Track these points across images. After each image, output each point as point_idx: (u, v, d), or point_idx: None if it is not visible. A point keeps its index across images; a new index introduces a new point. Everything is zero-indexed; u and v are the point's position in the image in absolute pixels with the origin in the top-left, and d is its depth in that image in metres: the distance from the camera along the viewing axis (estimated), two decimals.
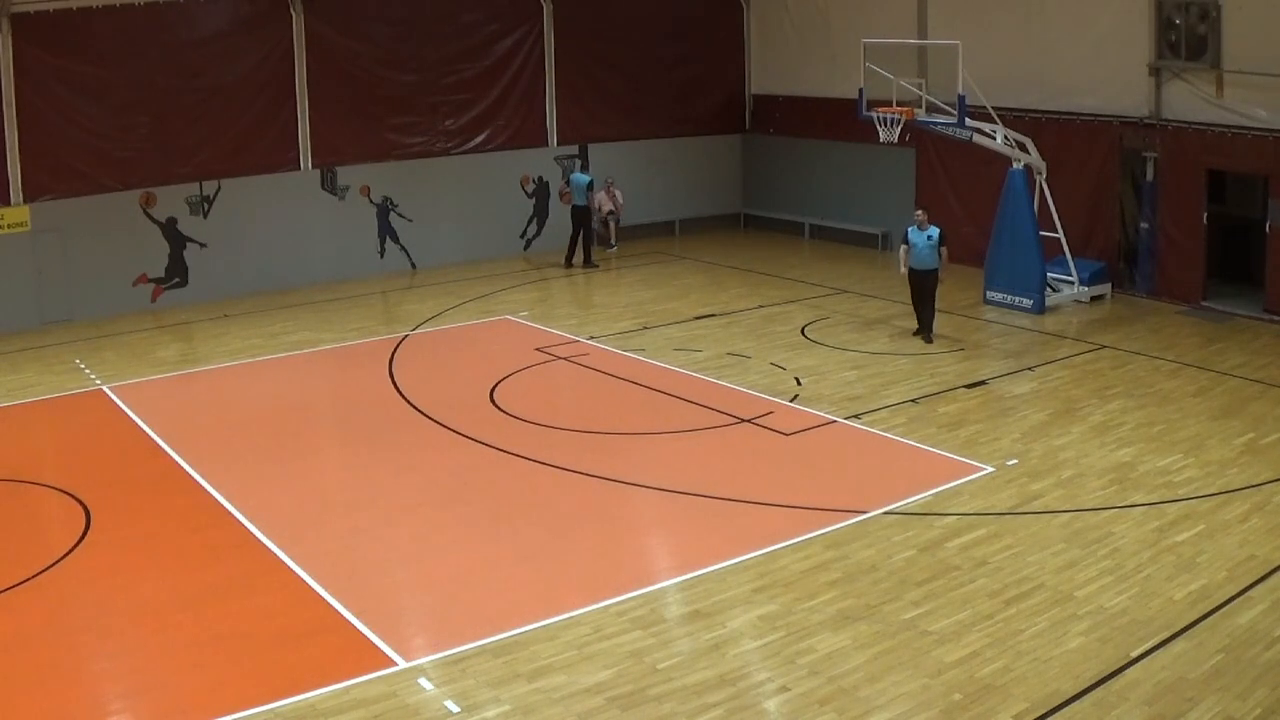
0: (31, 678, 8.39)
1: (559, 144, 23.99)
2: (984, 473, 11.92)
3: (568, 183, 22.80)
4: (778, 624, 8.97)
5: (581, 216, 22.37)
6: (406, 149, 22.14)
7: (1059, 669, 8.23)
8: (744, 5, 26.11)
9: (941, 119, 18.02)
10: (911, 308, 17.11)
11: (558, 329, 17.93)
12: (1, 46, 18.04)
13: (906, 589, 9.48)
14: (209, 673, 8.42)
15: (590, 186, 22.41)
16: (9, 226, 18.31)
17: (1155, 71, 18.74)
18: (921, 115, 18.14)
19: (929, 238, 16.44)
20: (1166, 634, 8.65)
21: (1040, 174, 18.71)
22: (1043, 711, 7.72)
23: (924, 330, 16.81)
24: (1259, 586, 9.37)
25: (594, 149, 24.38)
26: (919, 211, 16.90)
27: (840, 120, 22.48)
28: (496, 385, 15.08)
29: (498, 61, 22.98)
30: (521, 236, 23.83)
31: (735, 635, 8.83)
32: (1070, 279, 18.96)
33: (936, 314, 16.95)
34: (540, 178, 23.78)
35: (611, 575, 9.94)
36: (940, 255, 16.43)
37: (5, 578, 9.82)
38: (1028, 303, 18.35)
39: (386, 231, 22.21)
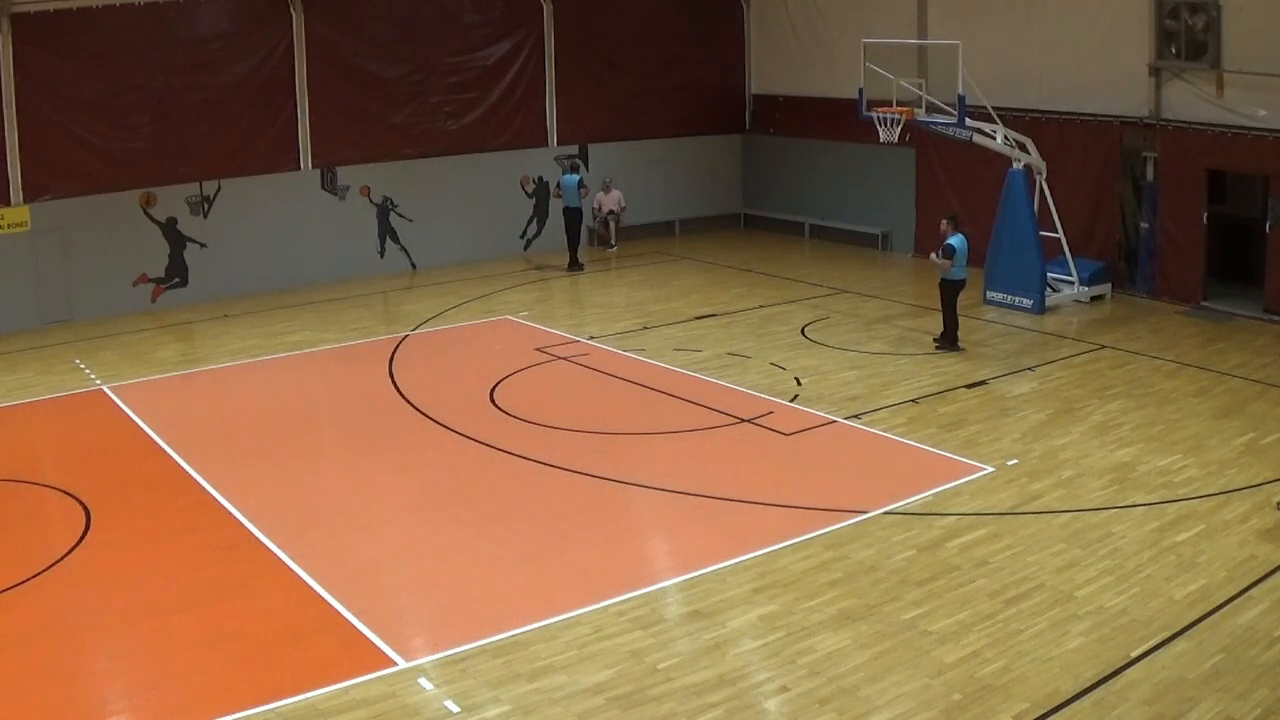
0: (31, 678, 8.39)
1: (559, 144, 24.00)
2: (984, 473, 11.92)
3: (559, 185, 22.82)
4: (778, 624, 8.97)
5: (571, 217, 22.37)
6: (407, 149, 22.14)
7: (1059, 669, 8.23)
8: (744, 5, 26.11)
9: (941, 119, 18.02)
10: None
11: (558, 329, 17.93)
12: (1, 46, 18.05)
13: (906, 589, 9.48)
14: (209, 673, 8.42)
15: (580, 186, 22.41)
16: (9, 226, 18.31)
17: (1155, 71, 18.74)
18: (921, 115, 18.15)
19: None
20: (1166, 634, 8.65)
21: (1040, 174, 18.71)
22: (1043, 711, 7.72)
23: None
24: (1259, 586, 9.37)
25: (594, 149, 24.39)
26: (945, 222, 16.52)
27: (840, 120, 22.49)
28: (496, 385, 15.08)
29: (498, 61, 22.99)
30: (521, 236, 23.84)
31: (735, 635, 8.83)
32: (1070, 279, 18.96)
33: (951, 321, 16.48)
34: (540, 178, 23.77)
35: (611, 575, 9.94)
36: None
37: (5, 578, 9.82)
38: (1028, 303, 18.35)
39: (386, 231, 22.22)
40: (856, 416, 13.69)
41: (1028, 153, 18.57)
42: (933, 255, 16.32)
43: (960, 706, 7.80)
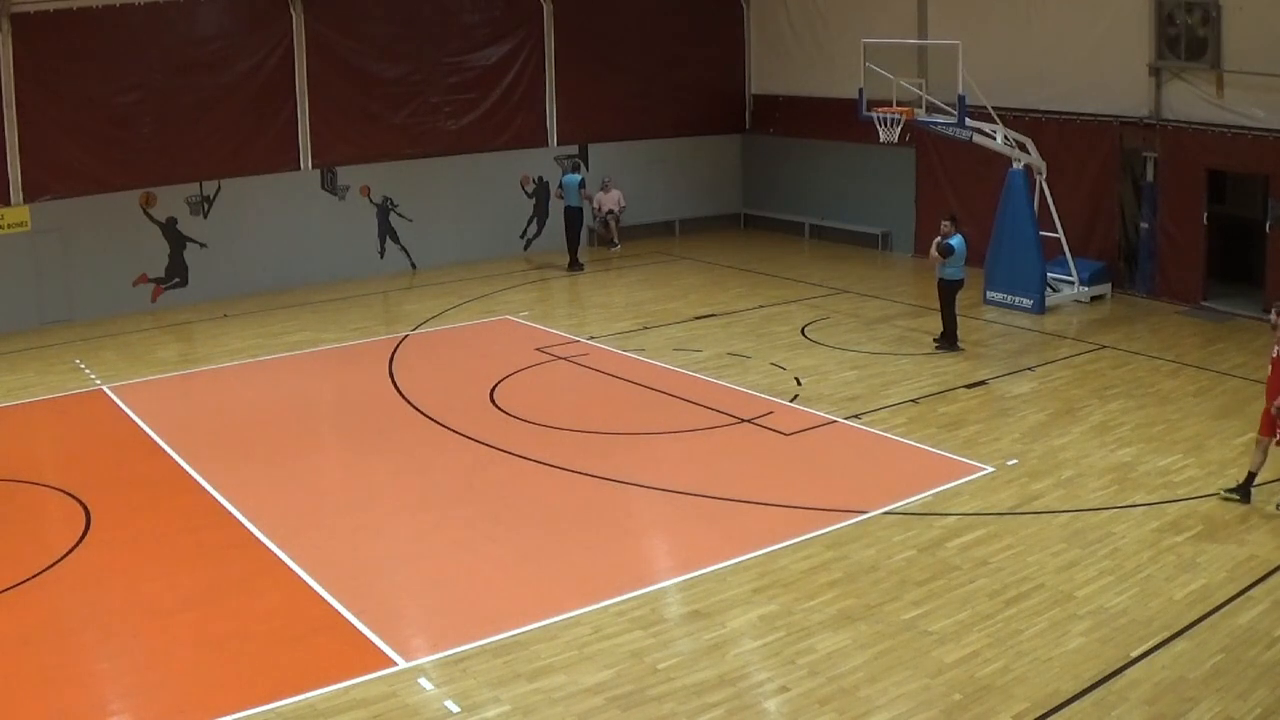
0: (31, 678, 8.39)
1: (559, 144, 24.00)
2: (984, 473, 11.92)
3: (561, 185, 22.83)
4: (778, 624, 8.97)
5: (572, 217, 22.38)
6: (407, 149, 22.14)
7: (1059, 669, 8.23)
8: (744, 5, 26.12)
9: (941, 119, 18.02)
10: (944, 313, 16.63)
11: (558, 329, 17.93)
12: (1, 46, 18.05)
13: (906, 589, 9.48)
14: (209, 673, 8.42)
15: (581, 185, 22.43)
16: (9, 226, 18.30)
17: (1155, 71, 18.74)
18: (921, 115, 18.15)
19: None
20: (1166, 634, 8.66)
21: (1040, 174, 18.71)
22: (1043, 711, 7.73)
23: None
24: (1259, 586, 9.38)
25: (594, 149, 24.39)
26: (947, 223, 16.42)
27: (840, 120, 22.47)
28: (496, 385, 15.08)
29: (498, 61, 22.99)
30: (521, 236, 23.84)
31: (735, 635, 8.83)
32: (1070, 279, 18.96)
33: (950, 321, 16.46)
34: (540, 178, 23.77)
35: (611, 575, 9.94)
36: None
37: (5, 578, 9.82)
38: (1028, 303, 18.35)
39: (386, 231, 22.22)
40: (856, 416, 13.69)
41: (1028, 153, 18.57)
42: (934, 249, 16.24)
43: (960, 706, 7.80)
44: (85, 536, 10.73)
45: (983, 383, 14.97)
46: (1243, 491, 10.93)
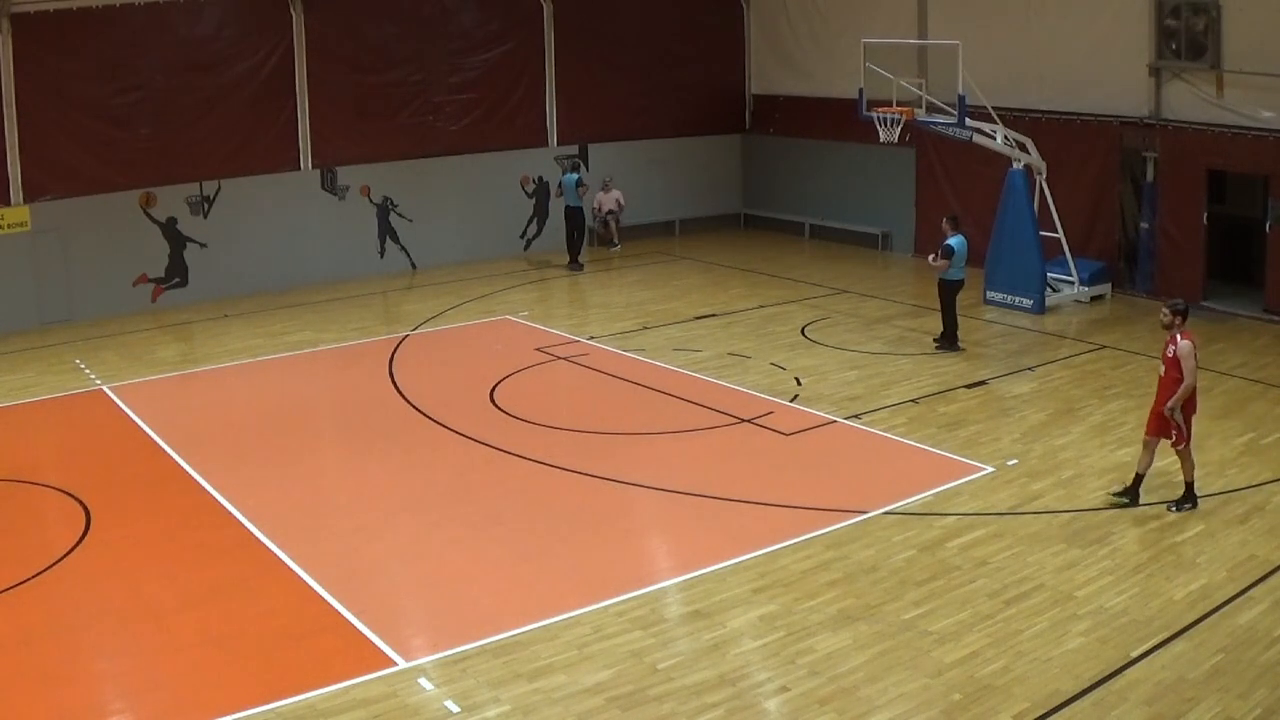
0: (31, 678, 8.39)
1: (559, 144, 24.00)
2: (984, 473, 11.92)
3: (560, 184, 22.83)
4: (778, 624, 8.97)
5: (572, 216, 22.39)
6: (407, 149, 22.13)
7: (1059, 669, 8.23)
8: (744, 5, 26.12)
9: (941, 119, 18.02)
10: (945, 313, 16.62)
11: (558, 329, 17.93)
12: (1, 46, 18.05)
13: (906, 589, 9.48)
14: (209, 673, 8.42)
15: (579, 185, 22.43)
16: (9, 226, 18.30)
17: (1155, 71, 18.74)
18: (921, 115, 18.15)
19: None
20: (1166, 634, 8.66)
21: (1040, 174, 18.71)
22: (1043, 711, 7.73)
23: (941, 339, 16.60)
24: (1259, 586, 9.38)
25: (594, 149, 24.39)
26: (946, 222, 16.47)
27: (840, 120, 22.47)
28: (496, 385, 15.08)
29: (498, 61, 22.99)
30: (521, 236, 23.84)
31: (735, 635, 8.83)
32: (1070, 279, 18.96)
33: (950, 321, 16.44)
34: (540, 178, 23.78)
35: (611, 575, 9.94)
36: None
37: (5, 578, 9.82)
38: (1028, 303, 18.35)
39: (386, 231, 22.22)
40: (856, 416, 13.69)
41: (1028, 153, 18.57)
42: (930, 257, 16.32)
43: (960, 706, 7.80)
44: (85, 536, 10.73)
45: (983, 383, 14.97)
46: (1131, 494, 11.00)
